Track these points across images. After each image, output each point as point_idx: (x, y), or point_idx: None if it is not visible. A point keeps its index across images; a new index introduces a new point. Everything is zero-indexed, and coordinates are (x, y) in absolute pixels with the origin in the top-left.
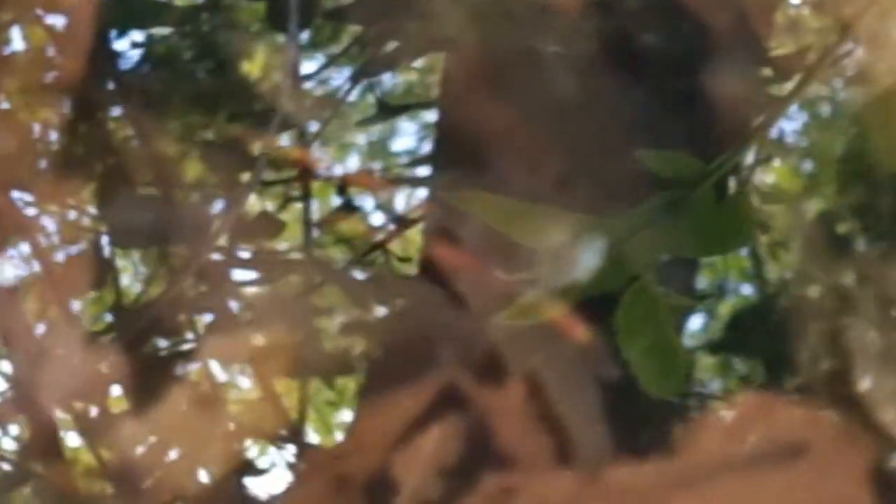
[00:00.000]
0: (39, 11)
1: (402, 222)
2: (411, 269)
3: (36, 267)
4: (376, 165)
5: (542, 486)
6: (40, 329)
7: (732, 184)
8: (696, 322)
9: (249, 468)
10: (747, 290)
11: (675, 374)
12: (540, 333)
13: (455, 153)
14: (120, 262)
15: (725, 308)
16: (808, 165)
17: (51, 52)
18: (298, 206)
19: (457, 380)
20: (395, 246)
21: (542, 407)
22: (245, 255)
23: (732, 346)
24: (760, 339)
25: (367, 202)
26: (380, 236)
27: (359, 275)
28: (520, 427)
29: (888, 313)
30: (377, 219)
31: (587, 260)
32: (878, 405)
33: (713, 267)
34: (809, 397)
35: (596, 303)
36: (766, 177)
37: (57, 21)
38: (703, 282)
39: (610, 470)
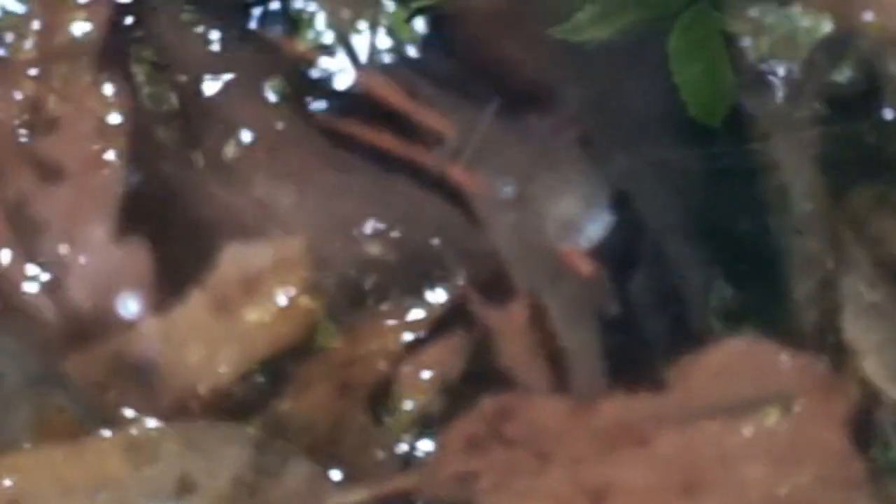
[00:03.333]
0: None
1: None
2: None
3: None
4: None
5: (536, 410)
6: (71, 225)
7: None
8: None
9: (265, 372)
10: None
11: (721, 100)
12: (548, 261)
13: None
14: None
15: None
16: None
17: None
18: None
19: (465, 297)
20: None
21: (543, 333)
22: None
23: None
24: (756, 284)
25: None
26: None
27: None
28: (521, 350)
29: (880, 264)
30: None
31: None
32: (863, 355)
33: None
34: (798, 343)
35: (606, 249)
36: None
37: None
38: None
39: (602, 401)
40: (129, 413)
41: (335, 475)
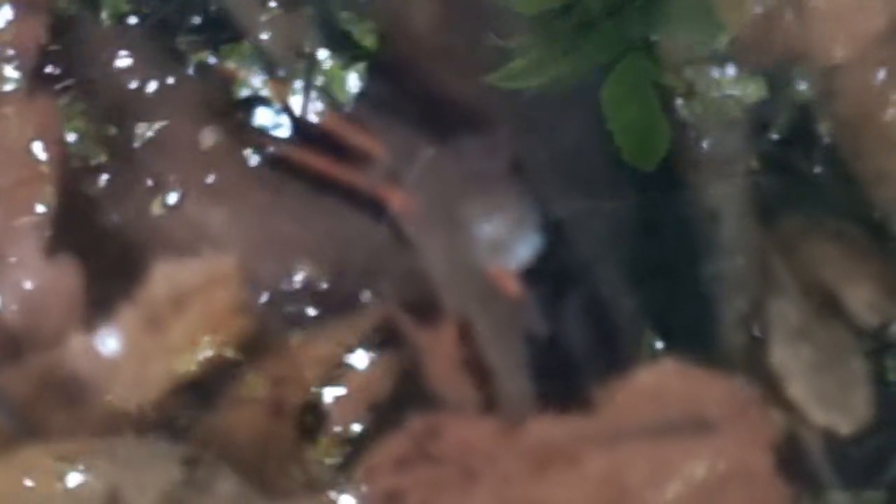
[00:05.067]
0: None
1: None
2: None
3: None
4: None
5: (465, 429)
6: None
7: None
8: None
9: (194, 388)
10: None
11: (655, 147)
12: (477, 282)
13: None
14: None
15: None
16: None
17: None
18: None
19: (394, 318)
20: None
21: (472, 353)
22: None
23: None
24: (683, 306)
25: None
26: None
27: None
28: (449, 370)
29: (808, 289)
30: None
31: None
32: (790, 380)
33: None
34: (726, 367)
35: (536, 271)
36: None
37: None
38: None
39: (530, 421)
40: (58, 428)
41: (264, 491)
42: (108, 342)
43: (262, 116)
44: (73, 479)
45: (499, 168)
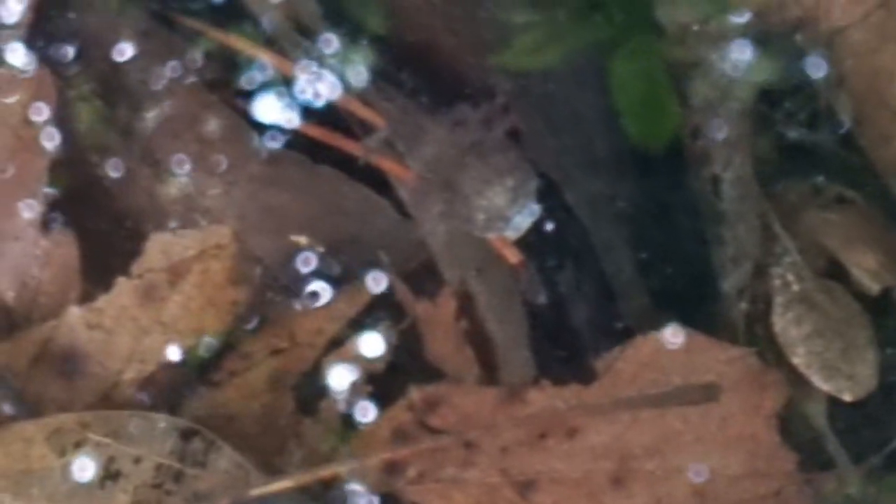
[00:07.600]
0: None
1: None
2: None
3: None
4: None
5: (464, 399)
6: None
7: None
8: None
9: (191, 360)
10: None
11: (664, 125)
12: (476, 251)
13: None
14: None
15: None
16: None
17: None
18: None
19: (392, 287)
20: None
21: (471, 323)
22: None
23: None
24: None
25: None
26: None
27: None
28: (448, 340)
29: (809, 256)
30: None
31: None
32: (792, 347)
33: None
34: (728, 335)
35: (535, 239)
36: None
37: None
38: None
39: (531, 390)
40: (55, 401)
41: (261, 464)
42: (105, 315)
43: (264, 92)
44: (70, 453)
45: (497, 137)
